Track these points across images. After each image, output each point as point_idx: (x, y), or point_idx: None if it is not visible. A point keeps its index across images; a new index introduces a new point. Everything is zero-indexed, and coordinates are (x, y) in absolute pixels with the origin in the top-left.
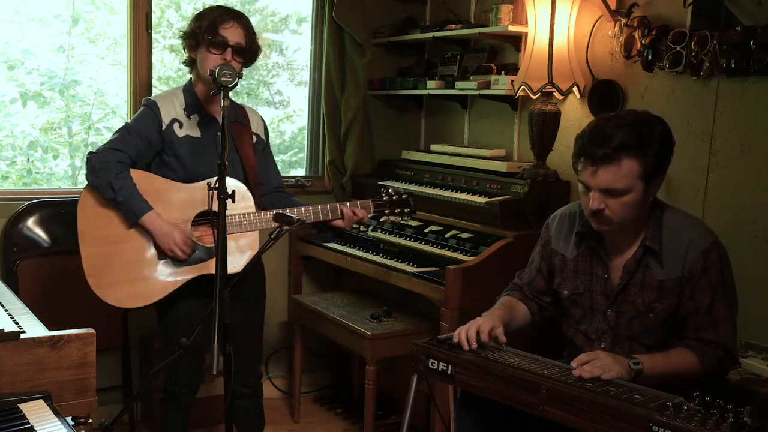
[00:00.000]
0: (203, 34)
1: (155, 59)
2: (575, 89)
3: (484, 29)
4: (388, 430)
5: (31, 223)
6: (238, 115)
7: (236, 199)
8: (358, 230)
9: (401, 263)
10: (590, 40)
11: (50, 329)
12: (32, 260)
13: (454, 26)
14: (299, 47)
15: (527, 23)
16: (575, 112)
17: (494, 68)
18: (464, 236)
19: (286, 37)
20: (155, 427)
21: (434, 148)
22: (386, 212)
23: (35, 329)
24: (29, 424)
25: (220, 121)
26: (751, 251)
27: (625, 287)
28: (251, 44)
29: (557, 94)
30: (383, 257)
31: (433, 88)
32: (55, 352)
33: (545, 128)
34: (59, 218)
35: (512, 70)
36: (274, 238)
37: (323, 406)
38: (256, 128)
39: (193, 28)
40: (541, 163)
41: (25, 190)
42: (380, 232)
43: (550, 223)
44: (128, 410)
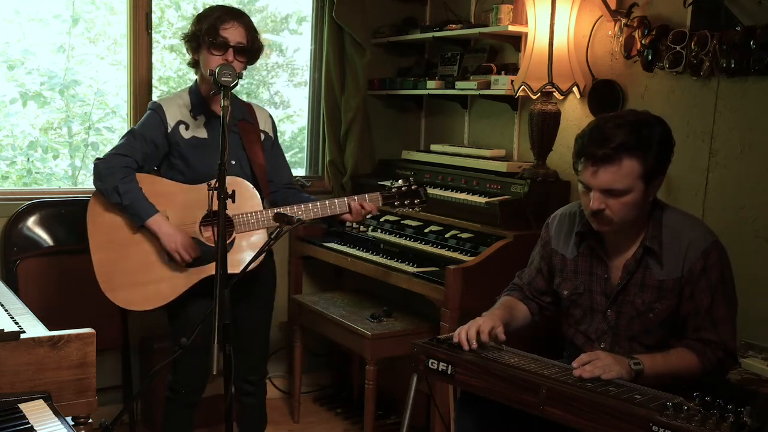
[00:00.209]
0: (204, 36)
1: (155, 59)
2: (575, 89)
3: (484, 29)
4: (388, 430)
5: (31, 223)
6: (245, 113)
7: (244, 197)
8: (358, 230)
9: (401, 263)
10: (590, 40)
11: (50, 329)
12: (32, 260)
13: (454, 26)
14: (299, 47)
15: (527, 23)
16: (575, 112)
17: (494, 68)
18: (464, 236)
19: (285, 37)
20: (155, 427)
21: (434, 148)
22: (396, 204)
23: (35, 329)
24: (29, 424)
25: (227, 119)
26: (751, 251)
27: (625, 287)
28: (253, 43)
29: (557, 94)
30: (383, 257)
31: (433, 88)
32: (55, 352)
33: (545, 128)
34: (59, 218)
35: (512, 70)
36: (274, 237)
37: (323, 406)
38: (264, 126)
39: (193, 30)
40: (541, 163)
41: (25, 190)
42: (380, 232)
43: (550, 223)
44: (128, 410)
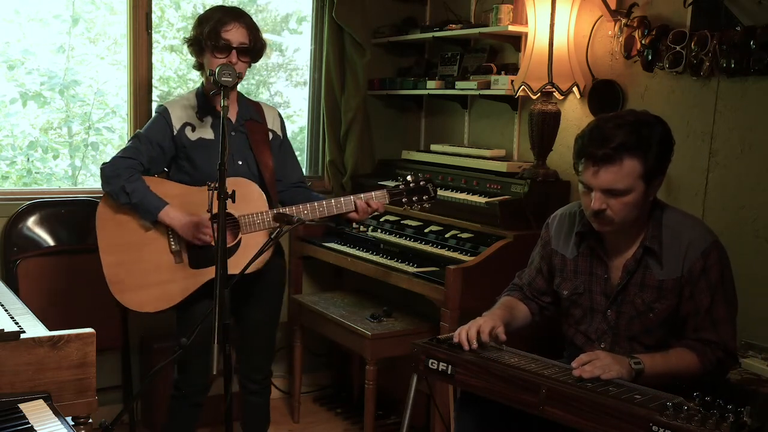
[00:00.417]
0: (206, 39)
1: (155, 59)
2: (575, 89)
3: (484, 29)
4: (388, 430)
5: (31, 223)
6: (252, 112)
7: (251, 198)
8: (358, 230)
9: (401, 263)
10: (590, 40)
11: (50, 329)
12: (32, 260)
13: (454, 26)
14: (299, 47)
15: (527, 23)
16: (575, 112)
17: (494, 68)
18: (464, 236)
19: (285, 37)
20: (155, 427)
21: (434, 148)
22: (404, 201)
23: (35, 329)
24: (29, 424)
25: (234, 120)
26: (751, 251)
27: (624, 287)
28: (255, 42)
29: (557, 94)
30: (383, 257)
31: (433, 88)
32: (55, 352)
33: (545, 128)
34: (59, 218)
35: (512, 70)
36: (274, 237)
37: (323, 406)
38: (272, 125)
39: (195, 34)
40: (541, 163)
41: (25, 190)
42: (380, 232)
43: (550, 223)
44: (128, 410)
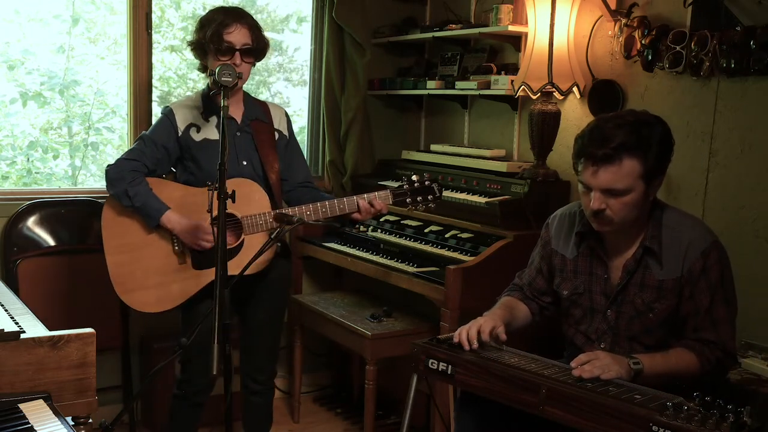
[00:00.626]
0: (209, 43)
1: (155, 59)
2: (575, 89)
3: (484, 29)
4: (388, 430)
5: (31, 223)
6: (259, 112)
7: (254, 199)
8: (358, 230)
9: (401, 263)
10: (590, 40)
11: (50, 329)
12: (32, 260)
13: (454, 26)
14: (299, 47)
15: (527, 23)
16: (575, 112)
17: (494, 68)
18: (464, 236)
19: (286, 37)
20: (155, 427)
21: (434, 148)
22: (408, 201)
23: (35, 329)
24: (29, 424)
25: (239, 120)
26: (751, 251)
27: (624, 287)
28: (258, 41)
29: (557, 94)
30: (383, 257)
31: (433, 88)
32: (55, 352)
33: (545, 128)
34: (59, 218)
35: (512, 70)
36: (273, 237)
37: (323, 406)
38: (278, 125)
39: (198, 38)
40: (541, 163)
41: (25, 190)
42: (380, 232)
43: (549, 223)
44: (128, 410)
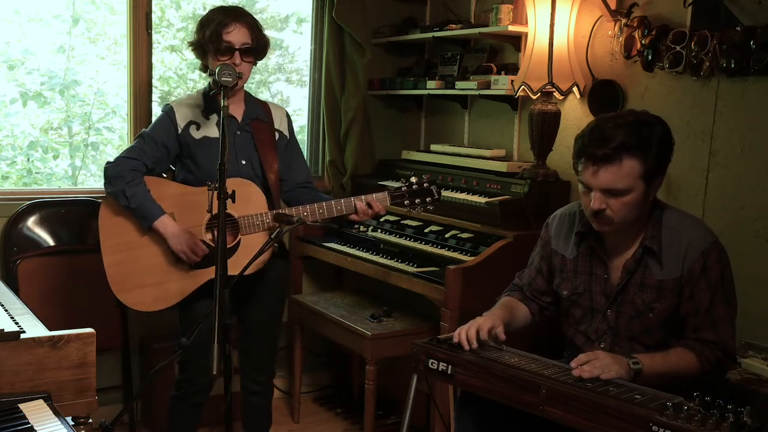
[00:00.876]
0: (208, 43)
1: (155, 59)
2: (575, 89)
3: (484, 29)
4: (388, 430)
5: (31, 223)
6: (259, 112)
7: (251, 199)
8: (358, 230)
9: (401, 263)
10: (590, 40)
11: (50, 329)
12: (32, 260)
13: (454, 26)
14: (299, 47)
15: (527, 23)
16: (575, 112)
17: (494, 68)
18: (464, 236)
19: (286, 37)
20: (155, 427)
21: (434, 148)
22: (406, 203)
23: (35, 329)
24: (29, 424)
25: (240, 119)
26: (751, 251)
27: (624, 287)
28: (258, 40)
29: (557, 94)
30: (383, 257)
31: (433, 88)
32: (55, 352)
33: (545, 128)
34: (59, 218)
35: (512, 70)
36: (273, 237)
37: (323, 406)
38: (279, 125)
39: (197, 38)
40: (541, 163)
41: (25, 190)
42: (380, 232)
43: (549, 223)
44: (128, 410)
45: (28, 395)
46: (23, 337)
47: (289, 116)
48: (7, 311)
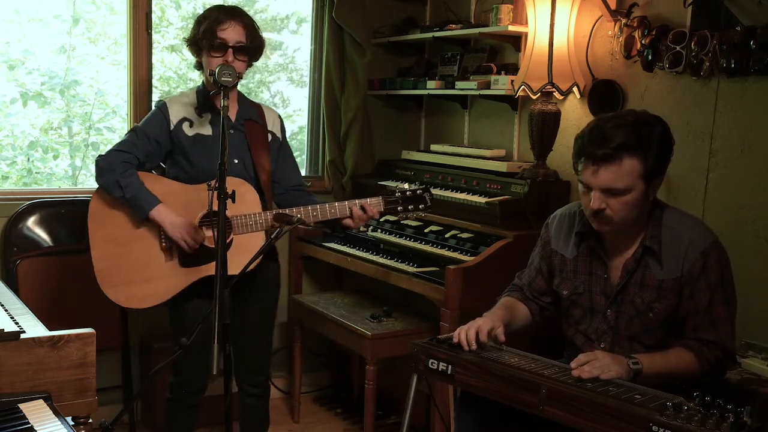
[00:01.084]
0: (202, 38)
1: (155, 59)
2: (575, 89)
3: (484, 29)
4: (388, 430)
5: (31, 223)
6: (253, 113)
7: (244, 199)
8: (358, 230)
9: (401, 263)
10: (590, 40)
11: (50, 329)
12: (32, 260)
13: (454, 26)
14: (299, 47)
15: (527, 23)
16: (575, 112)
17: (494, 68)
18: (464, 236)
19: (286, 37)
20: (155, 427)
21: (434, 148)
22: (399, 209)
23: (35, 329)
24: (29, 424)
25: (234, 118)
26: (751, 251)
27: (624, 287)
28: (252, 40)
29: (557, 94)
30: (383, 257)
31: (433, 88)
32: (55, 352)
33: (545, 128)
34: (59, 218)
35: (512, 70)
36: (274, 237)
37: (323, 406)
38: (272, 126)
39: (193, 34)
40: (541, 163)
41: (25, 190)
42: (380, 232)
43: (549, 223)
44: (128, 410)
45: (28, 395)
46: (23, 337)
47: (281, 119)
48: (7, 311)
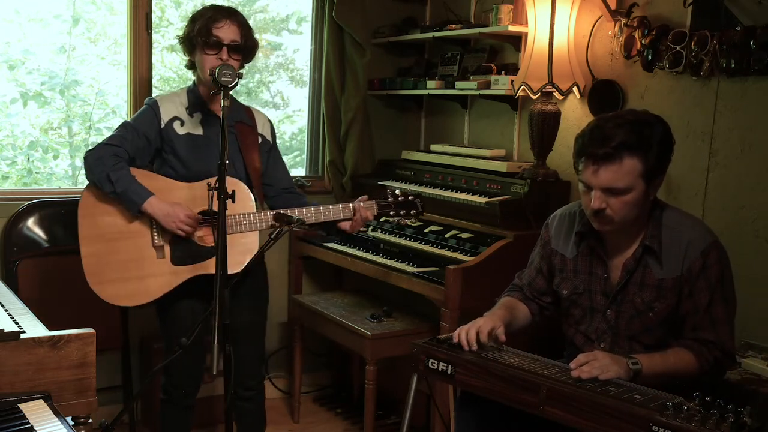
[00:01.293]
0: (197, 36)
1: (155, 59)
2: (575, 89)
3: (484, 29)
4: (388, 430)
5: (31, 223)
6: (243, 115)
7: (238, 198)
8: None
9: (401, 263)
10: (590, 40)
11: (50, 329)
12: (32, 260)
13: (454, 26)
14: (299, 47)
15: (527, 23)
16: (575, 112)
17: (494, 68)
18: (464, 236)
19: (285, 37)
20: (155, 427)
21: (434, 148)
22: (391, 213)
23: (35, 329)
24: (29, 424)
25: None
26: (751, 251)
27: (624, 286)
28: (246, 40)
29: (557, 94)
30: (383, 257)
31: (433, 88)
32: (55, 352)
33: (545, 128)
34: (59, 218)
35: (512, 70)
36: (274, 238)
37: (323, 406)
38: (262, 129)
39: (187, 31)
40: (541, 163)
41: (25, 190)
42: (380, 232)
43: (549, 223)
44: (128, 410)
45: (28, 395)
46: (23, 337)
47: (271, 123)
48: (7, 311)
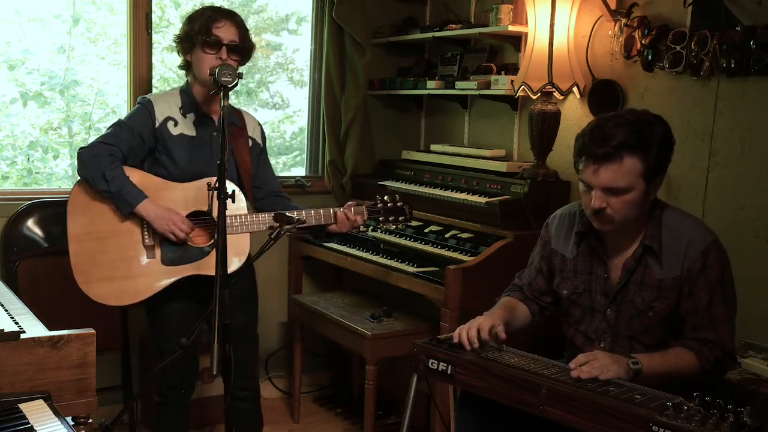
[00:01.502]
0: (197, 35)
1: (155, 59)
2: (575, 89)
3: (484, 29)
4: (388, 430)
5: (31, 223)
6: (234, 118)
7: (235, 199)
8: (358, 230)
9: (401, 263)
10: (590, 40)
11: (50, 329)
12: (32, 260)
13: (454, 26)
14: (299, 47)
15: (527, 23)
16: (575, 112)
17: (494, 68)
18: (464, 236)
19: (285, 37)
20: (155, 427)
21: (434, 148)
22: (380, 219)
23: (35, 329)
24: (29, 424)
25: (216, 121)
26: (751, 251)
27: (624, 286)
28: (245, 41)
29: (557, 94)
30: (383, 257)
31: (433, 88)
32: (55, 352)
33: (545, 128)
34: (59, 218)
35: (512, 70)
36: (273, 238)
37: (323, 406)
38: (252, 132)
39: (186, 30)
40: (541, 163)
41: (25, 190)
42: (380, 232)
43: (549, 223)
44: (128, 410)
45: (28, 395)
46: (23, 337)
47: (262, 127)
48: (7, 311)
